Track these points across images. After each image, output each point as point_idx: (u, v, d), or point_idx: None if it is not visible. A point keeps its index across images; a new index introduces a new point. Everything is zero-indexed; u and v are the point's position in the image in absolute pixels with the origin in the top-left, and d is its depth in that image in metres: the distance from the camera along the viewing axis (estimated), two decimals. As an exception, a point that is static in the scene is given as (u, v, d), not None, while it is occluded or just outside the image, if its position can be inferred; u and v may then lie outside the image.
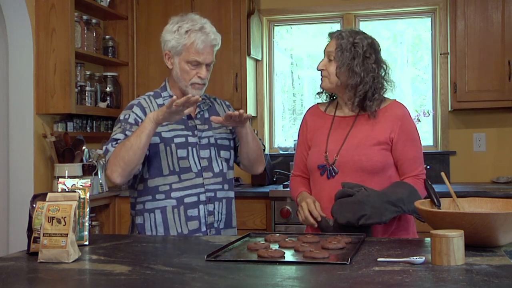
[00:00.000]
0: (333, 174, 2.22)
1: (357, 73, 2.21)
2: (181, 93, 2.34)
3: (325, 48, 2.29)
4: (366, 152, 2.20)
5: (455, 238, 1.54)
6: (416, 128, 2.31)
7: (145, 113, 2.29)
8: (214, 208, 2.34)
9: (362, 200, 2.04)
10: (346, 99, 2.28)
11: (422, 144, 2.29)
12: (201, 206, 2.30)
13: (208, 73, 2.34)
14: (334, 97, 2.39)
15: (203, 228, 2.31)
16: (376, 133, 2.22)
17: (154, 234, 2.29)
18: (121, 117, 2.32)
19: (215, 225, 2.34)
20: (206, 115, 2.41)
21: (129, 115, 2.30)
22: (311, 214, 2.18)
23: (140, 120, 2.28)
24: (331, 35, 2.31)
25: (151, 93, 2.41)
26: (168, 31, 2.32)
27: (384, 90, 2.28)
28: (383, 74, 2.26)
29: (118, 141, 2.24)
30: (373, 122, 2.25)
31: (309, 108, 2.46)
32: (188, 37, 2.27)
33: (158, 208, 2.30)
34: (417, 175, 2.23)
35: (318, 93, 2.41)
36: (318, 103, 2.43)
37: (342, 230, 2.07)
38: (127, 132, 2.25)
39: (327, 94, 2.40)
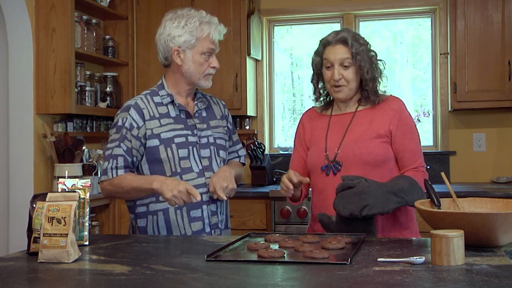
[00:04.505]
0: (339, 169, 2.22)
1: (377, 70, 2.27)
2: (182, 89, 2.34)
3: (331, 57, 2.24)
4: (367, 145, 2.21)
5: (455, 238, 1.53)
6: (413, 120, 2.34)
7: (142, 115, 2.27)
8: (217, 208, 2.33)
9: (363, 191, 2.03)
10: (354, 101, 2.31)
11: (422, 144, 2.30)
12: (204, 207, 2.29)
13: None
14: (329, 99, 2.40)
15: (207, 229, 2.29)
16: (375, 127, 2.24)
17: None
18: (119, 122, 2.28)
19: (220, 225, 2.34)
20: (204, 114, 2.41)
21: (126, 118, 2.27)
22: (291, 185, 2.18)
23: (135, 125, 2.26)
24: (330, 41, 2.26)
25: (148, 91, 2.38)
26: (174, 27, 2.29)
27: None
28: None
29: (118, 158, 2.24)
30: (372, 116, 2.27)
31: (305, 112, 2.46)
32: (202, 29, 2.28)
33: (160, 210, 2.28)
34: (416, 167, 2.25)
35: (316, 100, 2.39)
36: (313, 107, 2.44)
37: (345, 224, 2.04)
38: (125, 142, 2.24)
39: (323, 98, 2.39)
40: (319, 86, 2.36)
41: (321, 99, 2.39)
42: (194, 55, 2.29)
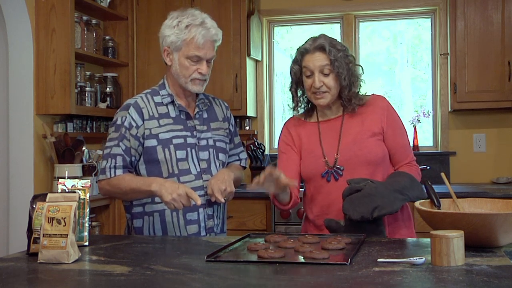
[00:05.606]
0: (340, 173, 2.21)
1: (355, 76, 2.25)
2: (182, 90, 2.32)
3: (310, 64, 2.21)
4: (366, 145, 2.22)
5: (455, 239, 1.53)
6: (399, 116, 2.35)
7: (141, 115, 2.26)
8: (213, 212, 2.32)
9: (371, 193, 2.03)
10: (337, 105, 2.30)
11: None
12: (200, 210, 2.27)
13: (209, 69, 2.29)
14: (310, 106, 2.37)
15: (203, 233, 2.28)
16: (368, 126, 2.25)
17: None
18: (118, 120, 2.27)
19: (215, 229, 2.33)
20: (205, 116, 2.39)
21: (125, 117, 2.26)
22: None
23: (134, 125, 2.24)
24: (308, 49, 2.23)
25: (149, 90, 2.36)
26: (167, 26, 2.27)
27: None
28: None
29: (117, 158, 2.22)
30: (361, 117, 2.27)
31: (287, 121, 2.42)
32: (189, 32, 2.22)
33: (157, 211, 2.27)
34: (409, 162, 2.28)
35: (294, 108, 2.36)
36: (294, 116, 2.41)
37: (355, 227, 2.04)
38: (124, 141, 2.23)
39: (303, 105, 2.36)
40: (298, 94, 2.34)
41: (302, 106, 2.36)
42: (180, 57, 2.25)
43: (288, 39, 4.92)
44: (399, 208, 2.06)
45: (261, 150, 4.41)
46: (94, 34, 4.19)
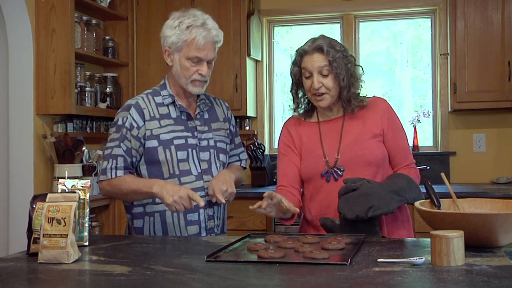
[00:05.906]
0: (340, 174, 2.21)
1: (355, 77, 2.25)
2: (183, 90, 2.31)
3: (309, 66, 2.20)
4: (366, 145, 2.22)
5: (455, 239, 1.53)
6: (399, 118, 2.35)
7: (142, 115, 2.25)
8: (213, 213, 2.32)
9: (367, 192, 2.03)
10: (338, 106, 2.29)
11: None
12: (201, 211, 2.27)
13: (210, 70, 2.29)
14: (310, 106, 2.36)
15: (203, 233, 2.28)
16: (369, 127, 2.25)
17: None
18: (119, 121, 2.26)
19: (216, 230, 2.33)
20: (206, 116, 2.38)
21: (126, 118, 2.25)
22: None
23: (135, 125, 2.24)
24: (307, 50, 2.22)
25: (150, 91, 2.36)
26: (168, 27, 2.26)
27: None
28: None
29: (118, 158, 2.22)
30: (362, 118, 2.27)
31: (286, 121, 2.41)
32: (189, 32, 2.21)
33: (157, 211, 2.27)
34: (408, 164, 2.28)
35: (294, 109, 2.35)
36: (293, 116, 2.40)
37: (350, 226, 2.04)
38: (125, 142, 2.22)
39: (303, 106, 2.36)
40: (299, 96, 2.34)
41: (303, 107, 2.35)
42: (180, 58, 2.25)
43: (288, 39, 4.92)
44: (395, 209, 2.06)
45: (261, 150, 4.41)
46: (94, 34, 4.19)
